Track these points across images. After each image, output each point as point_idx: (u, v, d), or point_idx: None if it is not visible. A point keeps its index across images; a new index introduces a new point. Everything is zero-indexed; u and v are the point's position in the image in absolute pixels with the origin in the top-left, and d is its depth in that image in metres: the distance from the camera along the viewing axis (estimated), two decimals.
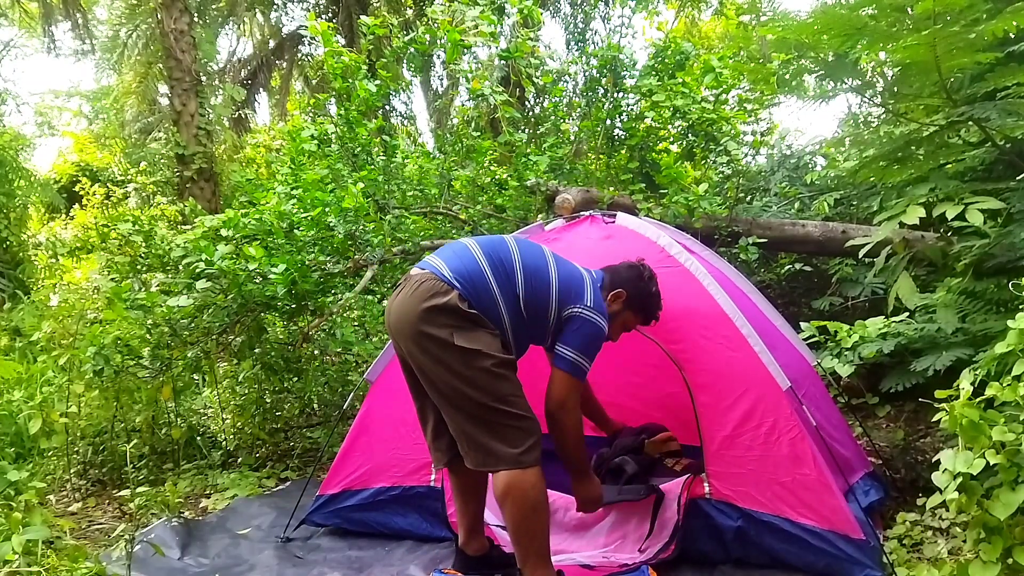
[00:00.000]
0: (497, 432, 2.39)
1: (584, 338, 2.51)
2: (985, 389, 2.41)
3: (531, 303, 2.51)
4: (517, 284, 2.50)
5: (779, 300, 5.33)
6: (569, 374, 2.50)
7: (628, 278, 2.73)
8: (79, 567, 2.59)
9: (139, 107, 13.03)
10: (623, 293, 2.71)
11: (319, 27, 4.90)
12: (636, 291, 2.72)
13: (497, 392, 2.39)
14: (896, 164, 3.90)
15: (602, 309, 2.57)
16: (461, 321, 2.39)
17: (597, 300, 2.57)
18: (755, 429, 2.78)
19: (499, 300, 2.47)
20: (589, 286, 2.58)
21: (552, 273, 2.55)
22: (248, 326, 4.42)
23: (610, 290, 2.70)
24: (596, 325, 2.53)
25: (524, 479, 2.38)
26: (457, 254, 2.54)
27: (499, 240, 2.63)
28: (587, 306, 2.52)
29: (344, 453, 3.37)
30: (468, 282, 2.44)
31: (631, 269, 2.76)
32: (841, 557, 2.60)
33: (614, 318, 2.69)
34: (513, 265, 2.52)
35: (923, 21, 3.03)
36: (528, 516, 2.42)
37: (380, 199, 4.91)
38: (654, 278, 2.77)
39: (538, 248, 2.66)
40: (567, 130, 6.24)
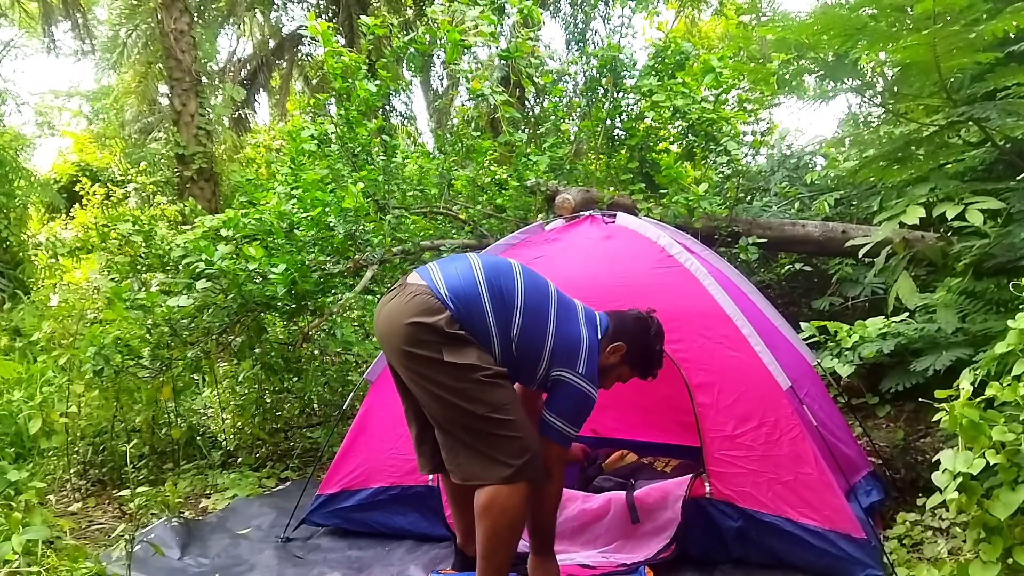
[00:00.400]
0: (489, 444, 2.30)
1: (573, 407, 2.42)
2: (985, 389, 2.41)
3: (523, 348, 2.40)
4: (513, 324, 2.38)
5: (779, 300, 5.33)
6: (556, 444, 2.42)
7: (633, 331, 2.57)
8: (79, 567, 2.59)
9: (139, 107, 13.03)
10: (623, 347, 2.55)
11: (319, 27, 4.89)
12: (637, 347, 2.57)
13: (491, 401, 2.29)
14: (896, 164, 3.90)
15: (593, 376, 2.44)
16: (450, 339, 2.29)
17: (590, 368, 2.43)
18: (756, 429, 2.78)
19: (492, 330, 2.35)
20: (585, 350, 2.43)
21: (551, 324, 2.42)
22: (248, 326, 4.42)
23: (611, 340, 2.54)
24: (585, 394, 2.41)
25: (510, 496, 2.29)
26: (459, 273, 2.41)
27: (506, 268, 2.49)
28: (579, 374, 2.39)
29: (343, 453, 3.37)
30: (464, 305, 2.33)
31: (638, 322, 2.59)
32: (842, 557, 2.60)
33: (609, 370, 2.57)
34: (514, 301, 2.40)
35: (923, 21, 3.03)
36: (502, 534, 2.33)
37: (380, 199, 4.91)
38: (661, 335, 2.61)
39: (544, 284, 2.52)
40: (567, 130, 6.23)
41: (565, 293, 2.60)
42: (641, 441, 4.05)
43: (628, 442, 4.06)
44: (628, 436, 4.10)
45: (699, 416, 2.86)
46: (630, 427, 4.13)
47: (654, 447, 4.00)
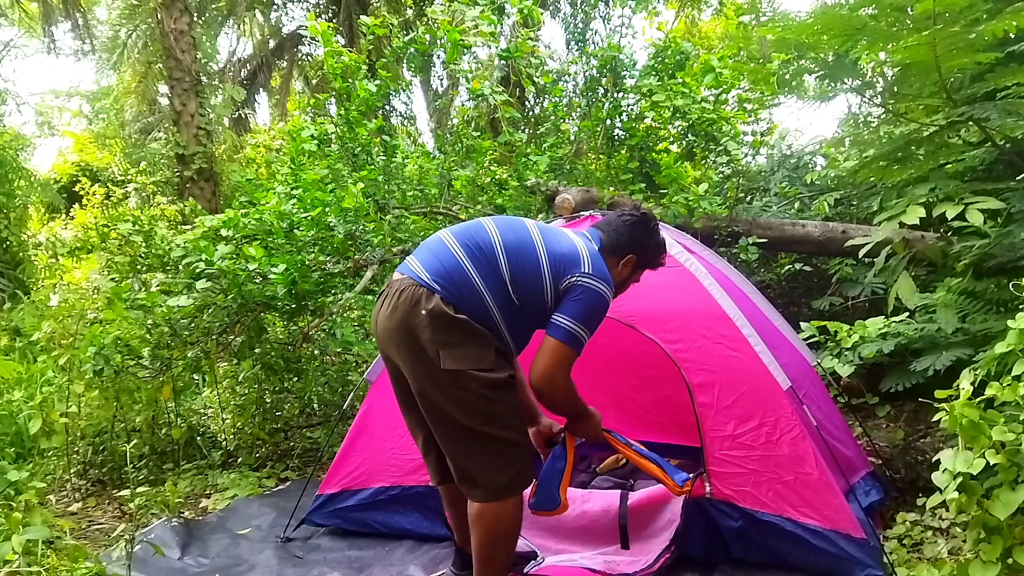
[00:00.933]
0: (480, 458, 2.26)
1: (584, 305, 2.25)
2: (985, 389, 2.41)
3: (521, 285, 2.27)
4: (501, 268, 2.26)
5: (779, 300, 5.33)
6: (563, 343, 2.22)
7: (633, 237, 2.46)
8: (79, 567, 2.59)
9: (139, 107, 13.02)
10: (634, 259, 2.46)
11: (319, 27, 4.90)
12: (644, 250, 2.48)
13: (487, 414, 2.23)
14: (896, 164, 3.91)
15: (604, 274, 2.31)
16: (448, 334, 2.20)
17: (598, 267, 2.30)
18: (756, 429, 2.78)
19: (484, 294, 2.24)
20: (585, 252, 2.32)
21: (539, 246, 2.31)
22: (248, 326, 4.42)
23: (615, 254, 2.44)
24: (598, 292, 2.26)
25: (503, 506, 2.27)
26: (433, 252, 2.33)
27: (476, 225, 2.39)
28: (586, 273, 2.26)
29: (343, 453, 3.37)
30: (449, 281, 2.23)
31: (633, 224, 2.47)
32: (842, 557, 2.60)
33: (625, 283, 2.50)
34: (494, 249, 2.28)
35: (923, 21, 3.03)
36: (497, 542, 2.31)
37: (380, 199, 4.91)
38: (654, 219, 2.54)
39: (519, 222, 2.41)
40: (567, 130, 6.24)
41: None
42: (641, 441, 4.05)
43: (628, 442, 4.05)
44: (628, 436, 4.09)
45: (699, 416, 2.86)
46: (630, 427, 4.11)
47: (654, 447, 4.00)
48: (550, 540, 3.00)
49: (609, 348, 3.89)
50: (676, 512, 2.84)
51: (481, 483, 2.26)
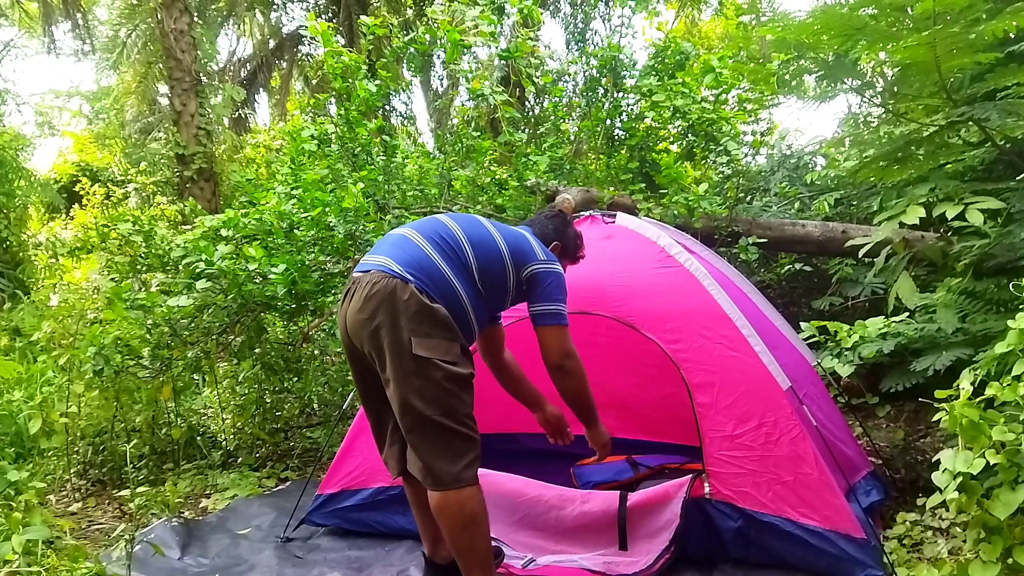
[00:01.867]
0: (438, 447, 2.34)
1: (554, 288, 2.57)
2: (985, 389, 2.41)
3: (486, 274, 2.49)
4: (468, 259, 2.46)
5: (779, 300, 5.33)
6: (559, 325, 2.56)
7: (554, 228, 2.83)
8: (79, 567, 2.59)
9: (139, 107, 13.02)
10: (559, 246, 2.81)
11: (319, 27, 4.90)
12: (566, 240, 2.85)
13: (445, 407, 2.32)
14: (896, 164, 3.91)
15: (552, 256, 2.66)
16: (421, 323, 2.29)
17: (546, 252, 2.65)
18: (756, 429, 2.78)
19: (455, 283, 2.39)
20: (534, 242, 2.64)
21: (499, 239, 2.56)
22: (248, 326, 4.42)
23: (546, 244, 2.73)
24: (556, 274, 2.60)
25: (459, 495, 2.34)
26: (399, 246, 2.43)
27: (435, 221, 2.57)
28: (541, 260, 2.58)
29: (343, 453, 3.37)
30: (421, 272, 2.35)
31: (554, 219, 2.86)
32: (842, 557, 2.60)
33: None
34: (459, 241, 2.48)
35: (923, 21, 3.03)
36: (466, 528, 2.37)
37: (380, 199, 4.91)
38: (571, 219, 2.94)
39: (473, 217, 2.66)
40: (567, 130, 6.24)
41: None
42: (641, 441, 4.06)
43: (628, 442, 4.06)
44: (628, 436, 4.10)
45: (699, 416, 2.86)
46: (630, 427, 4.12)
47: (654, 447, 4.00)
48: (549, 541, 3.00)
49: (609, 348, 3.90)
50: (676, 512, 2.84)
51: (435, 471, 2.35)
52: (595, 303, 3.09)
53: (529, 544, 2.96)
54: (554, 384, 2.65)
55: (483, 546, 2.42)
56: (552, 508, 3.00)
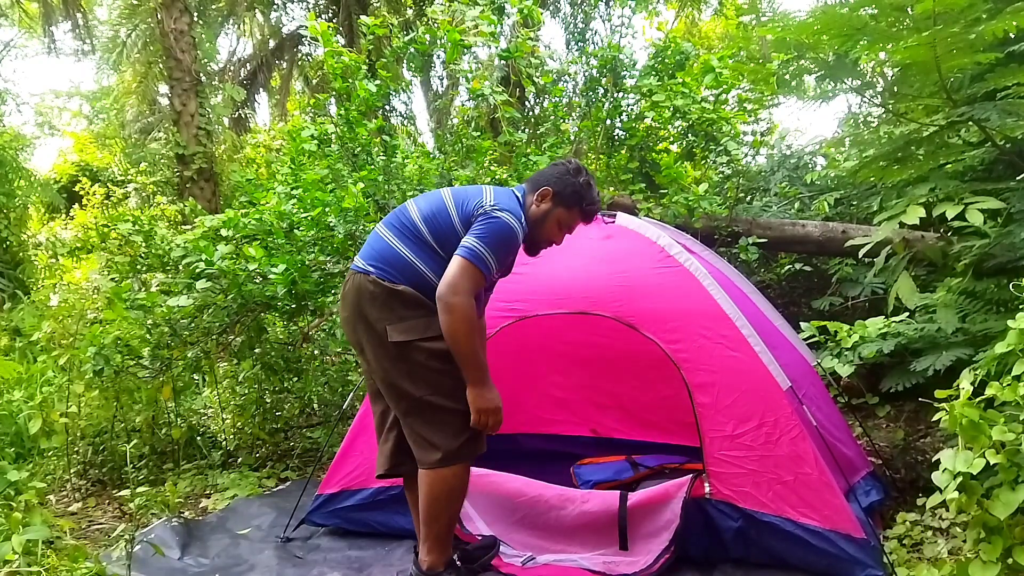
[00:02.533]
0: (435, 423, 2.43)
1: (485, 228, 2.40)
2: (985, 389, 2.41)
3: (439, 238, 2.47)
4: (423, 232, 2.48)
5: (779, 300, 5.33)
6: (465, 259, 2.36)
7: (552, 174, 2.63)
8: (79, 567, 2.59)
9: (139, 107, 13.01)
10: (549, 191, 2.59)
11: (319, 27, 4.89)
12: (562, 185, 2.59)
13: (435, 385, 2.41)
14: (896, 164, 3.91)
15: (509, 206, 2.47)
16: (390, 310, 2.41)
17: (500, 199, 2.48)
18: (756, 429, 2.78)
19: (414, 261, 2.45)
20: (489, 191, 2.53)
21: (448, 201, 2.53)
22: (248, 326, 4.42)
23: (533, 191, 2.61)
24: (501, 220, 2.42)
25: (456, 473, 2.44)
26: (369, 243, 2.58)
27: (400, 208, 2.63)
28: (489, 205, 2.45)
29: (343, 453, 3.37)
30: (381, 260, 2.46)
31: (555, 166, 2.67)
32: (842, 557, 2.60)
33: (545, 218, 2.59)
34: (413, 220, 2.51)
35: (923, 21, 3.03)
36: (441, 501, 2.47)
37: (380, 199, 4.91)
38: (583, 170, 2.64)
39: (435, 193, 2.64)
40: (567, 130, 6.23)
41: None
42: (641, 441, 4.06)
43: (628, 442, 4.06)
44: (628, 436, 4.11)
45: (699, 416, 2.86)
46: (630, 427, 4.13)
47: (654, 447, 4.01)
48: (549, 540, 3.00)
49: (609, 348, 3.90)
50: (676, 512, 2.84)
51: (435, 449, 2.43)
52: (595, 303, 3.09)
53: (529, 544, 2.97)
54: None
55: (449, 522, 2.55)
56: (552, 508, 3.00)
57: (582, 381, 4.18)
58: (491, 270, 2.42)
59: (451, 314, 2.34)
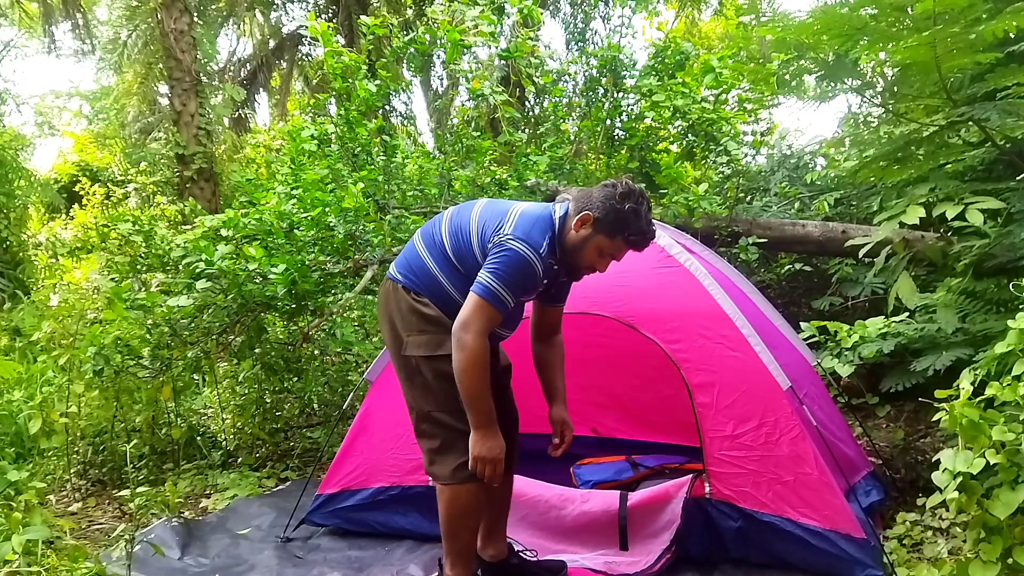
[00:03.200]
0: (436, 442, 2.45)
1: (500, 264, 2.27)
2: (985, 389, 2.41)
3: (458, 256, 2.42)
4: (445, 248, 2.44)
5: (779, 300, 5.33)
6: (480, 296, 2.27)
7: (596, 197, 2.36)
8: (79, 567, 2.59)
9: (139, 107, 13.00)
10: (589, 216, 2.34)
11: (319, 27, 4.89)
12: (605, 210, 2.32)
13: (443, 402, 2.40)
14: (896, 164, 3.91)
15: (528, 235, 2.30)
16: (411, 321, 2.43)
17: (520, 227, 2.32)
18: (756, 429, 2.78)
19: (435, 271, 2.43)
20: (515, 215, 2.36)
21: (474, 219, 2.42)
22: (248, 326, 4.42)
23: (574, 215, 2.37)
24: (515, 251, 2.27)
25: (459, 488, 2.43)
26: (404, 251, 2.58)
27: (437, 217, 2.59)
28: (505, 235, 2.30)
29: (343, 453, 3.37)
30: (409, 271, 2.48)
31: (603, 188, 2.38)
32: (842, 557, 2.60)
33: (583, 244, 2.37)
34: (441, 233, 2.47)
35: (923, 21, 3.03)
36: (454, 518, 2.47)
37: (380, 199, 4.91)
38: (633, 195, 2.34)
39: (470, 203, 2.54)
40: (567, 130, 6.24)
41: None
42: (641, 441, 4.06)
43: (628, 442, 4.06)
44: (628, 436, 4.11)
45: (699, 416, 2.86)
46: (630, 427, 4.13)
47: (654, 447, 4.00)
48: (550, 540, 3.00)
49: (609, 348, 3.90)
50: (676, 512, 2.84)
51: (437, 467, 2.45)
52: (595, 303, 3.09)
53: (530, 544, 2.96)
54: None
55: (468, 539, 2.54)
56: (552, 508, 3.00)
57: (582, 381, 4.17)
58: (507, 305, 2.31)
59: (461, 352, 2.27)
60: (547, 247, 2.35)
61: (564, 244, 2.40)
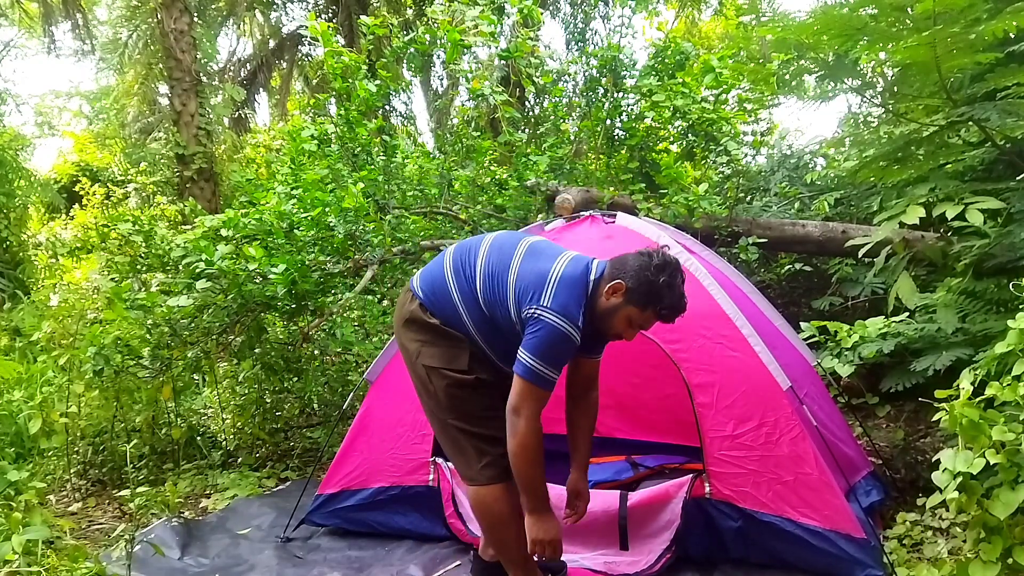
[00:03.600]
0: (457, 447, 2.46)
1: (540, 342, 2.23)
2: (985, 389, 2.41)
3: (492, 305, 2.39)
4: (475, 286, 2.41)
5: (779, 300, 5.33)
6: (525, 380, 2.25)
7: (631, 266, 2.31)
8: (79, 567, 2.59)
9: (139, 107, 13.00)
10: (621, 285, 2.29)
11: (319, 27, 4.89)
12: (639, 283, 2.28)
13: (455, 409, 2.42)
14: (896, 164, 3.91)
15: (565, 310, 2.25)
16: (425, 334, 2.46)
17: (559, 299, 2.25)
18: (756, 429, 2.78)
19: (459, 305, 2.41)
20: (554, 281, 2.28)
21: (512, 270, 2.36)
22: (248, 326, 4.42)
23: (608, 280, 2.33)
24: (553, 327, 2.22)
25: (487, 494, 2.41)
26: (434, 262, 2.57)
27: (473, 242, 2.54)
28: (543, 307, 2.24)
29: (343, 453, 3.37)
30: (431, 290, 2.47)
31: (639, 257, 2.33)
32: (842, 557, 2.60)
33: (613, 313, 2.34)
34: (475, 266, 2.43)
35: (923, 21, 3.03)
36: (495, 529, 2.48)
37: (380, 199, 4.91)
38: (668, 268, 2.30)
39: (512, 242, 2.46)
40: (567, 130, 6.23)
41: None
42: (641, 441, 4.06)
43: (628, 442, 4.06)
44: (628, 436, 4.11)
45: (699, 416, 2.86)
46: (630, 427, 4.13)
47: (654, 447, 4.00)
48: None
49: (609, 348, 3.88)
50: (676, 512, 2.84)
51: (463, 468, 2.46)
52: None
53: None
54: None
55: (515, 546, 2.46)
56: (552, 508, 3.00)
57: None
58: (552, 383, 2.28)
59: (515, 438, 2.27)
60: (583, 317, 2.31)
61: (594, 309, 2.34)
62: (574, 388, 2.68)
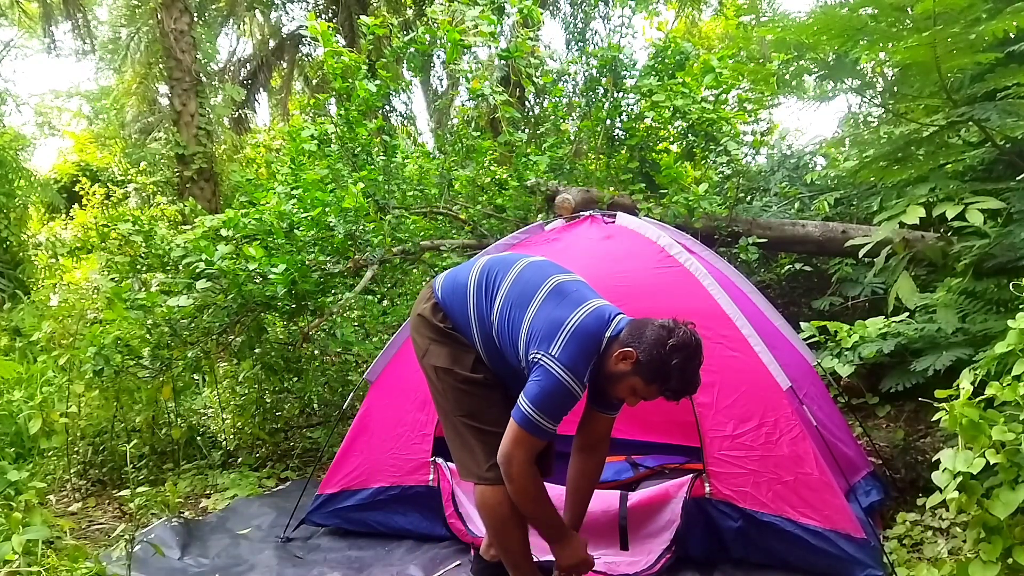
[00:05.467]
0: (466, 445, 2.46)
1: (541, 391, 2.19)
2: (985, 389, 2.41)
3: (501, 335, 2.39)
4: (492, 311, 2.41)
5: (779, 300, 5.33)
6: (520, 427, 2.22)
7: (647, 336, 2.21)
8: (79, 567, 2.59)
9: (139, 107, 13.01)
10: (632, 354, 2.21)
11: (319, 27, 4.89)
12: (650, 357, 2.19)
13: (464, 407, 2.45)
14: (896, 164, 3.90)
15: (572, 364, 2.19)
16: (435, 334, 2.52)
17: (568, 352, 2.20)
18: (756, 429, 2.78)
19: (472, 320, 2.46)
20: (568, 331, 2.22)
21: (531, 311, 2.31)
22: (248, 326, 4.42)
23: (622, 344, 2.24)
24: (556, 380, 2.17)
25: (492, 495, 2.39)
26: (462, 267, 2.62)
27: (508, 261, 2.51)
28: (551, 355, 2.19)
29: (343, 453, 3.37)
30: (451, 297, 2.52)
31: (659, 329, 2.22)
32: (842, 557, 2.60)
33: (619, 379, 2.27)
34: (497, 291, 2.42)
35: (923, 21, 3.03)
36: (499, 530, 2.47)
37: (380, 199, 4.91)
38: (686, 349, 2.21)
39: (541, 279, 2.39)
40: (567, 130, 6.23)
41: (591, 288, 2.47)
42: (641, 441, 4.05)
43: (628, 442, 4.05)
44: (628, 436, 4.10)
45: (699, 416, 2.86)
46: (630, 427, 4.12)
47: (654, 447, 4.00)
48: None
49: None
50: (676, 512, 2.84)
51: (470, 467, 2.45)
52: None
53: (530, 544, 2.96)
54: None
55: (518, 549, 2.48)
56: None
57: None
58: (548, 432, 2.24)
59: (511, 484, 2.29)
60: (590, 374, 2.27)
61: (602, 368, 2.28)
62: (583, 439, 2.62)
